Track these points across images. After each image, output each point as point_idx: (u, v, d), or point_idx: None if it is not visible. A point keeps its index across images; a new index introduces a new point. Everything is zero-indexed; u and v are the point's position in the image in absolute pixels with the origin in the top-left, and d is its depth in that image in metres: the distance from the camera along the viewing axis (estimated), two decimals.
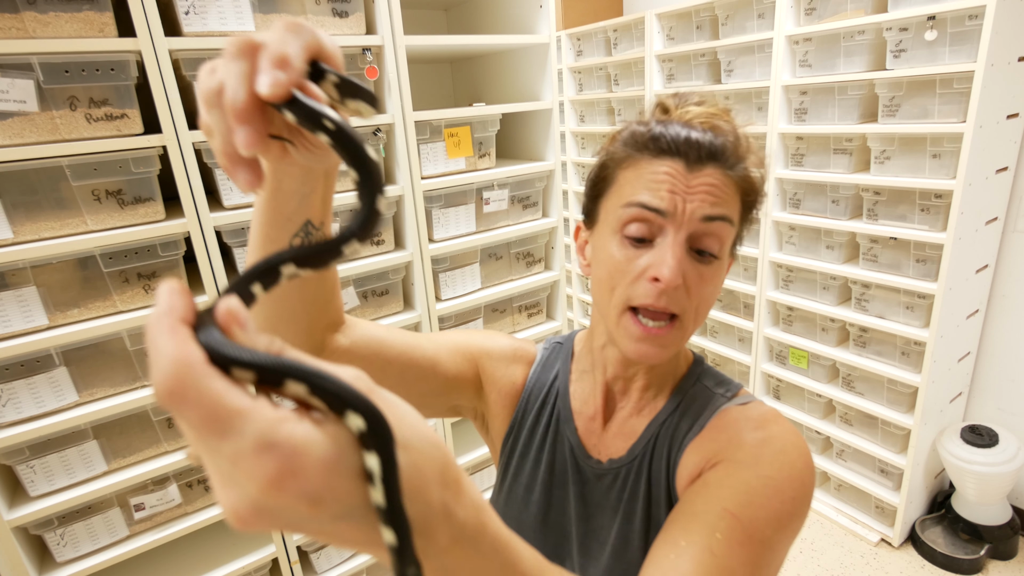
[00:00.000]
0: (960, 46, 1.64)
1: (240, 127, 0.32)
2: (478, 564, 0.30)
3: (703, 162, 0.54)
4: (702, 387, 0.64)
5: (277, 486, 0.22)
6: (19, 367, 1.13)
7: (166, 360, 0.22)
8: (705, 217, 0.53)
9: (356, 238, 0.31)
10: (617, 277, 0.56)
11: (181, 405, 0.22)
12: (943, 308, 1.80)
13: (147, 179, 1.20)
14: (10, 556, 1.15)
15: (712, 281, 0.56)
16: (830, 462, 2.29)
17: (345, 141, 0.31)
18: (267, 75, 0.31)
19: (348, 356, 0.60)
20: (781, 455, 0.53)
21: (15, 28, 1.03)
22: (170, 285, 0.25)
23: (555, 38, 1.71)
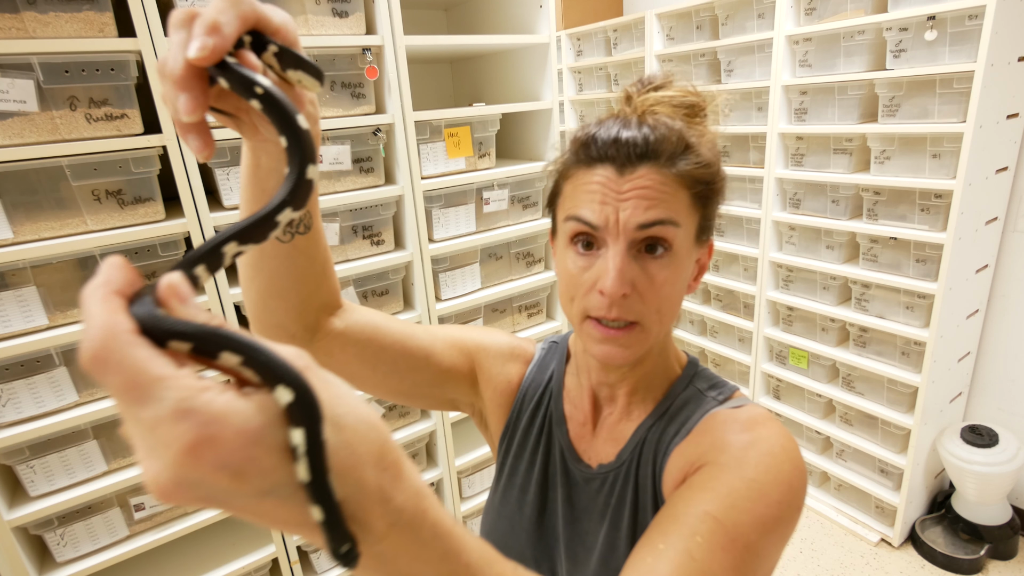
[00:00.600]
0: (960, 46, 1.64)
1: (179, 94, 0.33)
2: (417, 551, 0.29)
3: (634, 164, 0.53)
4: (694, 390, 0.62)
5: (193, 454, 0.22)
6: (19, 367, 1.13)
7: (93, 327, 0.22)
8: (639, 226, 0.52)
9: (288, 206, 0.31)
10: (572, 288, 0.56)
11: (104, 371, 0.22)
12: (943, 308, 1.80)
13: (147, 179, 1.20)
14: (10, 556, 1.15)
15: (669, 278, 0.54)
16: (830, 462, 2.29)
17: (274, 107, 0.32)
18: (196, 40, 0.32)
19: (342, 339, 0.60)
20: (768, 457, 0.52)
21: (15, 28, 1.03)
22: (112, 260, 0.25)
23: (555, 38, 1.71)
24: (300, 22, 1.31)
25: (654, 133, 0.54)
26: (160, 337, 0.24)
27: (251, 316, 0.59)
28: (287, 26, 0.39)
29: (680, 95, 0.58)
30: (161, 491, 0.23)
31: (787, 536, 0.50)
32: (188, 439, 0.22)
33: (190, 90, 0.33)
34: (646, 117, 0.56)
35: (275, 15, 0.38)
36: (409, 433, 1.67)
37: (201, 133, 0.34)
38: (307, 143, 0.32)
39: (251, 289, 0.57)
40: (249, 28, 0.36)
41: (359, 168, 1.48)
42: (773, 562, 0.50)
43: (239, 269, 0.56)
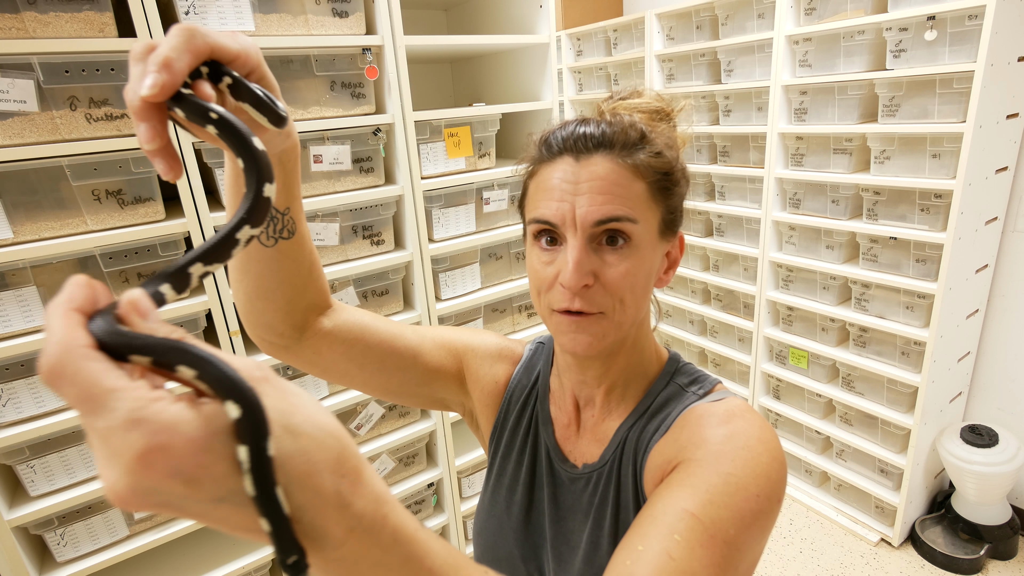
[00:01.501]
0: (960, 46, 1.64)
1: (138, 124, 0.35)
2: (378, 556, 0.30)
3: (590, 152, 0.55)
4: (675, 387, 0.62)
5: (145, 462, 0.23)
6: (19, 367, 1.13)
7: (51, 342, 0.24)
8: (595, 222, 0.53)
9: (247, 224, 0.33)
10: (537, 283, 0.58)
11: (60, 383, 0.23)
12: (943, 308, 1.80)
13: (147, 179, 1.20)
14: (10, 556, 1.15)
15: (631, 268, 0.55)
16: (830, 462, 2.29)
17: (230, 133, 0.34)
18: (148, 77, 0.34)
19: (330, 339, 0.62)
20: (744, 451, 0.51)
21: (15, 28, 1.03)
22: (76, 279, 0.26)
23: (555, 38, 1.71)
24: (300, 22, 1.31)
25: (611, 127, 0.56)
26: (119, 351, 0.25)
27: (241, 316, 0.60)
28: (246, 52, 0.40)
29: (645, 101, 0.61)
30: (119, 498, 0.24)
31: (768, 528, 0.50)
32: (139, 447, 0.23)
33: (147, 120, 0.35)
34: (607, 115, 0.58)
35: (231, 44, 0.39)
36: (409, 433, 1.67)
37: (165, 157, 0.36)
38: (263, 163, 0.34)
39: (239, 291, 0.59)
40: (203, 60, 0.37)
41: (359, 168, 1.48)
42: (756, 555, 0.50)
43: (229, 271, 0.58)
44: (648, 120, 0.59)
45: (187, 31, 0.36)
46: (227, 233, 0.32)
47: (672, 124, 0.61)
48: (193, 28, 0.36)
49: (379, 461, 1.63)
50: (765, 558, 2.11)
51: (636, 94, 0.63)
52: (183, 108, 0.35)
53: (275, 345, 0.62)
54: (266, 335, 0.61)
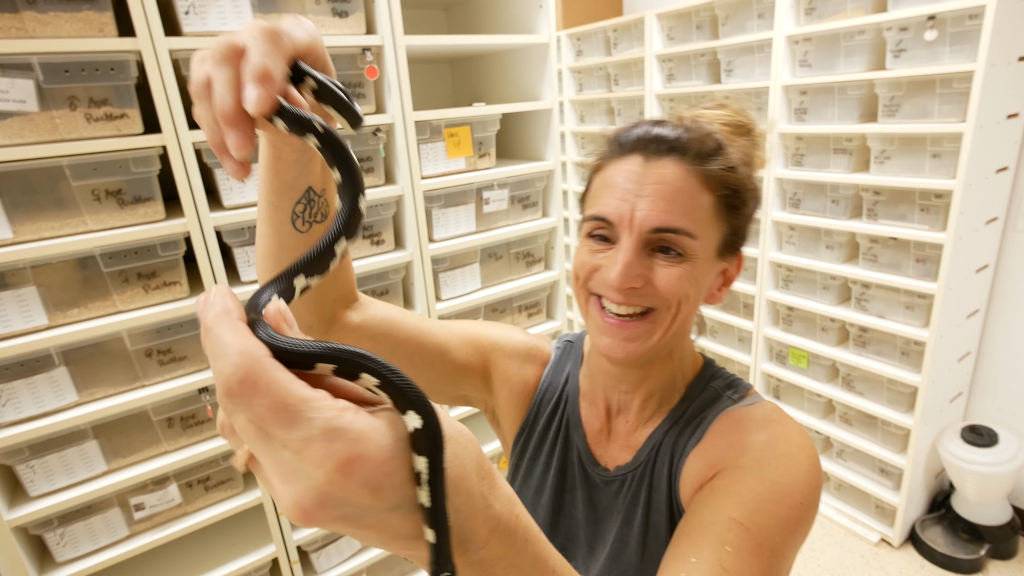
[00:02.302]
0: (960, 46, 1.64)
1: (229, 131, 0.33)
2: (513, 557, 0.30)
3: (662, 155, 0.54)
4: (711, 391, 0.62)
5: (345, 471, 0.23)
6: (19, 367, 1.13)
7: (234, 353, 0.23)
8: (653, 229, 0.52)
9: (344, 236, 0.33)
10: (581, 269, 0.57)
11: (252, 395, 0.22)
12: (943, 308, 1.80)
13: (147, 179, 1.20)
14: (10, 556, 1.15)
15: (684, 276, 0.53)
16: (830, 462, 2.29)
17: (332, 146, 0.33)
18: (252, 91, 0.32)
19: (358, 333, 0.60)
20: (787, 458, 0.51)
21: (15, 28, 1.03)
22: (221, 288, 0.26)
23: (555, 38, 1.71)
24: None
25: (687, 133, 0.54)
26: (301, 360, 0.24)
27: None
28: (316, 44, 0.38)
29: (727, 114, 0.60)
30: (304, 512, 0.23)
31: (807, 534, 0.51)
32: (341, 457, 0.23)
33: (238, 128, 0.33)
34: (686, 120, 0.57)
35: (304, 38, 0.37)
36: None
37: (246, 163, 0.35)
38: (359, 178, 0.34)
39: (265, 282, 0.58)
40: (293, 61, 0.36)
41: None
42: (793, 561, 0.51)
43: (256, 263, 0.57)
44: (727, 133, 0.58)
45: (271, 34, 0.34)
46: (326, 244, 0.32)
47: (752, 141, 0.60)
48: (275, 28, 0.35)
49: None
50: None
51: (720, 106, 0.61)
52: (284, 119, 0.33)
53: None
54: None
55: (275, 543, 1.49)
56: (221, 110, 0.33)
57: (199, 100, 0.35)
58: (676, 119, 0.58)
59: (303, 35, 0.37)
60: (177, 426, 1.32)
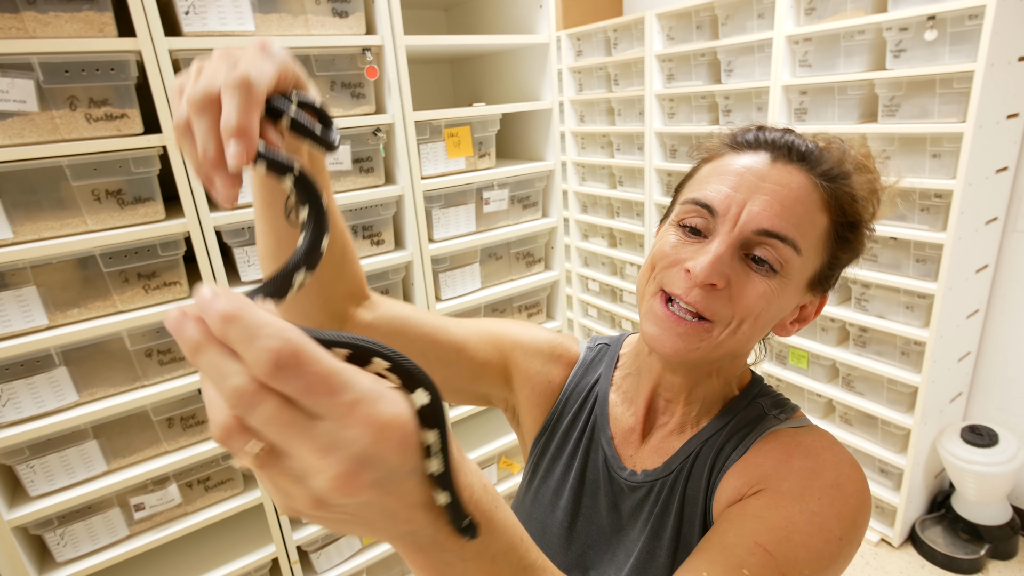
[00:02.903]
0: (960, 46, 1.64)
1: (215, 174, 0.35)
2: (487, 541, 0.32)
3: (791, 160, 0.50)
4: (757, 407, 0.59)
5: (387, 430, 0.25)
6: (19, 367, 1.13)
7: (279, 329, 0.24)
8: (761, 230, 0.48)
9: (304, 267, 0.35)
10: (658, 260, 0.54)
11: (301, 366, 0.23)
12: (943, 308, 1.80)
13: (147, 179, 1.20)
14: (10, 556, 1.15)
15: (767, 293, 0.49)
16: None
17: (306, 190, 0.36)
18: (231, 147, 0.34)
19: (369, 332, 0.59)
20: (833, 489, 0.48)
21: (15, 28, 1.03)
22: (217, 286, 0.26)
23: (555, 38, 1.71)
24: (300, 22, 1.31)
25: (823, 151, 0.52)
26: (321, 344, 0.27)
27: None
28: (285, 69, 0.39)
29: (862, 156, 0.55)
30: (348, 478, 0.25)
31: (842, 572, 0.47)
32: (385, 416, 0.25)
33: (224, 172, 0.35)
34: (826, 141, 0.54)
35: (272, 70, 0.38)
36: None
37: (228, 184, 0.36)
38: (325, 221, 0.36)
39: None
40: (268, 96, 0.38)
41: (359, 168, 1.48)
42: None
43: (260, 260, 0.57)
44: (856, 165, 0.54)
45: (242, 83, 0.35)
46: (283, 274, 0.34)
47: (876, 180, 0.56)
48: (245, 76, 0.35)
49: None
50: None
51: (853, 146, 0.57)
52: (265, 164, 0.36)
53: None
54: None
55: (275, 543, 1.49)
56: (205, 157, 0.35)
57: (183, 139, 0.37)
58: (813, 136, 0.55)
59: (270, 69, 0.38)
60: (177, 426, 1.32)
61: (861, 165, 0.54)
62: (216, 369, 0.24)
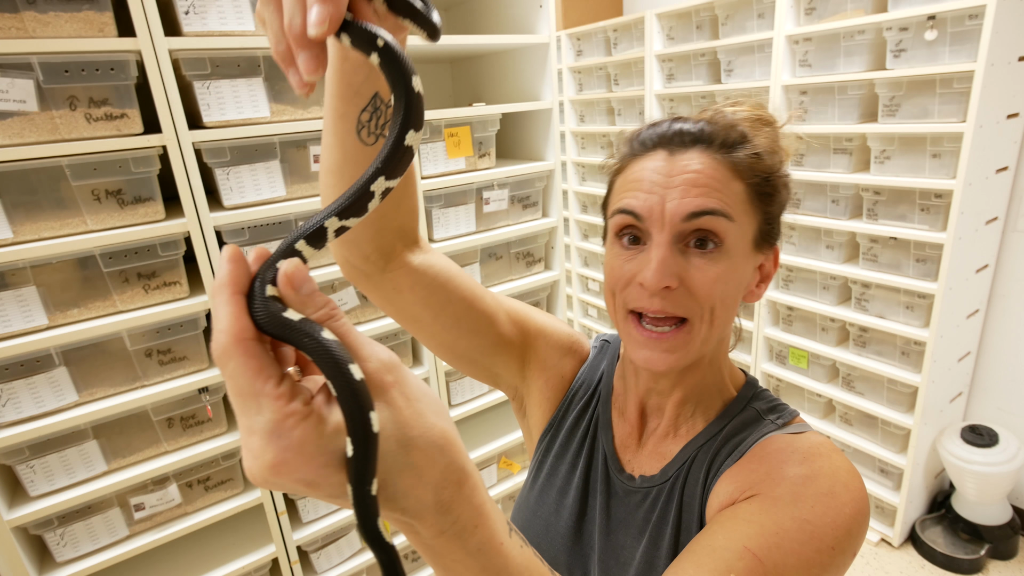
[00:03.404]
0: (960, 46, 1.64)
1: (300, 51, 0.32)
2: (461, 556, 0.33)
3: (686, 147, 0.52)
4: (751, 412, 0.58)
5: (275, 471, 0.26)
6: (19, 367, 1.13)
7: (218, 329, 0.27)
8: (686, 215, 0.50)
9: (383, 176, 0.31)
10: (614, 283, 0.55)
11: (223, 370, 0.27)
12: (943, 308, 1.80)
13: (147, 179, 1.20)
14: (10, 556, 1.15)
15: (721, 275, 0.51)
16: None
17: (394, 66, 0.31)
18: (315, 10, 0.30)
19: (414, 277, 0.58)
20: (828, 497, 0.46)
21: (15, 28, 1.03)
22: (231, 252, 0.28)
23: (555, 38, 1.71)
24: None
25: (710, 125, 0.53)
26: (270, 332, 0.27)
27: None
28: None
29: (747, 110, 0.58)
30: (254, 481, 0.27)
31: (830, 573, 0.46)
32: (270, 459, 0.26)
33: (310, 49, 0.31)
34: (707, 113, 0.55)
35: None
36: None
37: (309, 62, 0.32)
38: (415, 108, 0.31)
39: (329, 199, 0.52)
40: None
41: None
42: None
43: (320, 179, 0.53)
44: (749, 124, 0.56)
45: None
46: (361, 185, 0.31)
47: (775, 132, 0.58)
48: None
49: None
50: None
51: (736, 103, 0.60)
52: (349, 34, 0.31)
53: (358, 270, 0.57)
54: (351, 256, 0.56)
55: (275, 543, 1.49)
56: (290, 29, 0.31)
57: (265, 5, 0.33)
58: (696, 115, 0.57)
59: None
60: (177, 426, 1.32)
61: (755, 122, 0.57)
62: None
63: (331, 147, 0.50)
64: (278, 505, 1.46)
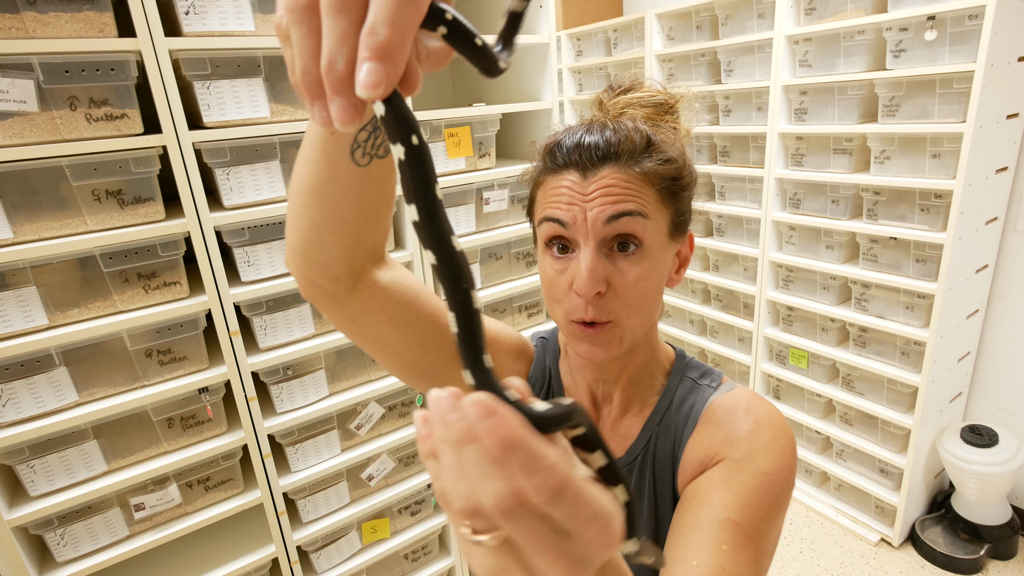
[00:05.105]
0: (960, 46, 1.64)
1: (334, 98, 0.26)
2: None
3: (597, 166, 0.55)
4: (689, 382, 0.64)
5: (609, 546, 0.26)
6: (19, 367, 1.13)
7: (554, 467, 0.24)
8: (607, 219, 0.53)
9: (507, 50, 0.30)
10: (553, 292, 0.58)
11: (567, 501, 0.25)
12: (943, 308, 1.80)
13: (147, 179, 1.20)
14: (10, 556, 1.16)
15: (643, 274, 0.55)
16: (830, 462, 2.29)
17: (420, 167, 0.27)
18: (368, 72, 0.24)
19: (383, 296, 0.56)
20: (773, 446, 0.55)
21: (15, 28, 1.03)
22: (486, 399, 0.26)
23: (555, 38, 1.71)
24: None
25: (615, 135, 0.56)
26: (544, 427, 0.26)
27: (295, 252, 0.52)
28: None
29: (648, 95, 0.61)
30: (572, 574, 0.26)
31: (787, 507, 0.55)
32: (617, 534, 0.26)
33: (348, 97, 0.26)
34: (610, 121, 0.58)
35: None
36: (409, 433, 1.67)
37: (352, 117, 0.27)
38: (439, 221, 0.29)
39: (305, 218, 0.49)
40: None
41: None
42: (778, 535, 0.55)
43: (292, 195, 0.49)
44: (651, 116, 0.59)
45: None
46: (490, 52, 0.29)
47: (676, 117, 0.61)
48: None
49: (379, 461, 1.63)
50: None
51: (637, 86, 0.62)
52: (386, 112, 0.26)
53: (323, 291, 0.54)
54: (318, 277, 0.53)
55: (275, 543, 1.49)
56: (329, 71, 0.26)
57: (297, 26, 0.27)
58: (599, 108, 0.59)
59: None
60: (177, 426, 1.32)
61: (652, 113, 0.60)
62: (481, 469, 0.24)
63: (316, 163, 0.45)
64: (278, 505, 1.46)
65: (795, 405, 2.38)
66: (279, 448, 1.52)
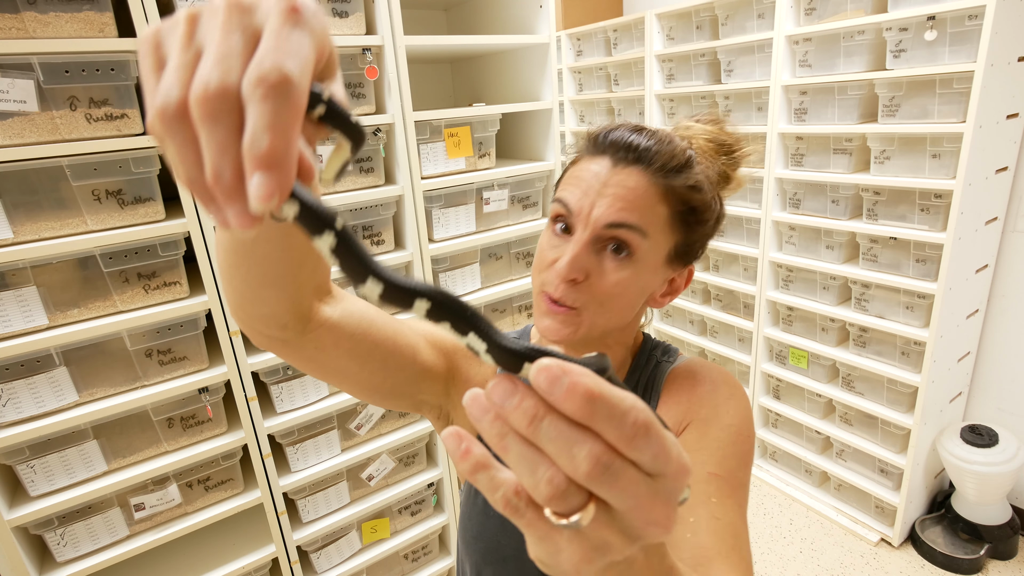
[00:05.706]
0: (960, 46, 1.64)
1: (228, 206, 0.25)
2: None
3: (629, 163, 0.57)
4: (654, 361, 0.69)
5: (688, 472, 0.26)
6: (19, 367, 1.13)
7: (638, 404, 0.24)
8: (608, 224, 0.56)
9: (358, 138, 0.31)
10: (538, 262, 0.61)
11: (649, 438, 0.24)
12: (943, 308, 1.80)
13: (147, 179, 1.20)
14: (10, 556, 1.16)
15: (623, 280, 0.57)
16: (830, 462, 2.29)
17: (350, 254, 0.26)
18: (258, 184, 0.23)
19: (336, 332, 0.54)
20: (732, 400, 0.61)
21: (15, 28, 1.03)
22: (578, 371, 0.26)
23: (555, 38, 1.71)
24: None
25: (658, 144, 0.57)
26: None
27: (236, 308, 0.50)
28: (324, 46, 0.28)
29: (717, 132, 0.63)
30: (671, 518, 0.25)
31: (753, 454, 0.60)
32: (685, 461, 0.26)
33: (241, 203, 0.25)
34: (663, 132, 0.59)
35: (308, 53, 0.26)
36: (409, 433, 1.67)
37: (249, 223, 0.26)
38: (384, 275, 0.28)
39: (236, 278, 0.47)
40: None
41: (359, 168, 1.48)
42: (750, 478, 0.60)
43: (219, 256, 0.47)
44: (708, 150, 0.61)
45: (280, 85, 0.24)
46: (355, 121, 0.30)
47: (732, 160, 0.64)
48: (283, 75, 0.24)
49: (379, 461, 1.63)
50: (765, 557, 2.11)
51: (714, 121, 0.65)
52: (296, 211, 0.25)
53: (275, 340, 0.52)
54: (266, 329, 0.51)
55: (275, 543, 1.49)
56: (217, 181, 0.24)
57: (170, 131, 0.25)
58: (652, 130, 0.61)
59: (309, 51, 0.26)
60: (177, 426, 1.32)
61: (712, 149, 0.62)
62: (564, 438, 0.24)
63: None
64: (278, 505, 1.46)
65: (795, 405, 2.38)
66: (279, 448, 1.52)
